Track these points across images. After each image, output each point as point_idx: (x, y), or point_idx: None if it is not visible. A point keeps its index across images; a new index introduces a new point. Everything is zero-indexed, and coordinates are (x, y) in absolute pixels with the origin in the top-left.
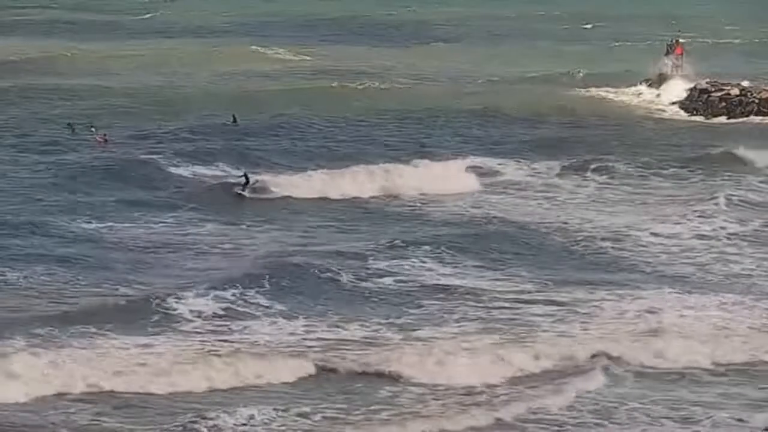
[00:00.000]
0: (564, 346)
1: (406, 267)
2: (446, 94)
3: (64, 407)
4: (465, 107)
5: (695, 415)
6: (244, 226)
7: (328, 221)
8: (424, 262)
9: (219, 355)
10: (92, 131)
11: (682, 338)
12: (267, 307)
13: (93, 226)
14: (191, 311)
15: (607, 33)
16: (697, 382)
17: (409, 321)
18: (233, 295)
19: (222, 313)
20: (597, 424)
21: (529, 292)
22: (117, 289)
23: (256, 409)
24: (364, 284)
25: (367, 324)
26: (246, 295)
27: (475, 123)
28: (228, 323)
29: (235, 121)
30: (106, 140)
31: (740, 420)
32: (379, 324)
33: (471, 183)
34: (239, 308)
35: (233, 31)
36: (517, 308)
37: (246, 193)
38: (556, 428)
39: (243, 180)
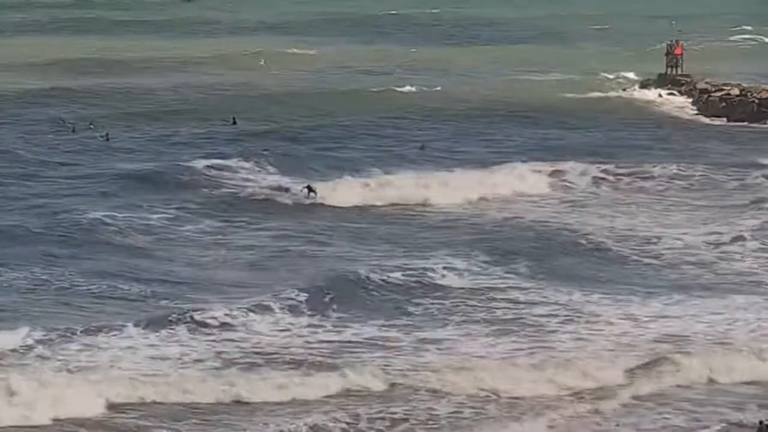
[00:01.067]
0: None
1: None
2: (450, 98)
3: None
4: (486, 109)
5: None
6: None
7: (387, 228)
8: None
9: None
10: (91, 128)
11: None
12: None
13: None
14: (234, 318)
15: (608, 34)
16: None
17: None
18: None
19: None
20: None
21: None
22: (154, 295)
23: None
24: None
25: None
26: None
27: (492, 126)
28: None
29: (234, 122)
30: (107, 139)
31: None
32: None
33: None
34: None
35: (251, 31)
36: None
37: (307, 201)
38: None
39: (306, 191)
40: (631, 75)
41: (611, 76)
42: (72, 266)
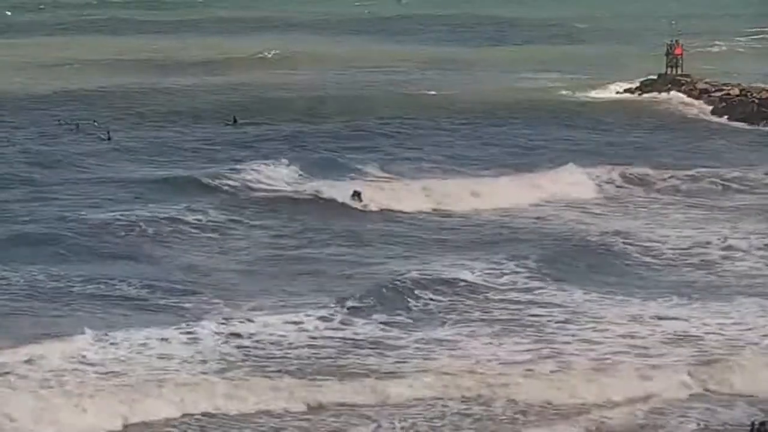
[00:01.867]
0: None
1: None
2: (457, 99)
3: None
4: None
5: None
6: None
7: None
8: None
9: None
10: (95, 126)
11: None
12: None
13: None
14: (257, 322)
15: (608, 34)
16: None
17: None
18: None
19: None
20: None
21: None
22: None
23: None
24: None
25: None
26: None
27: (496, 127)
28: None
29: (235, 121)
30: (109, 137)
31: None
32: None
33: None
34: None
35: (258, 31)
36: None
37: (359, 205)
38: None
39: (354, 196)
40: (634, 76)
41: (615, 77)
42: (79, 267)
